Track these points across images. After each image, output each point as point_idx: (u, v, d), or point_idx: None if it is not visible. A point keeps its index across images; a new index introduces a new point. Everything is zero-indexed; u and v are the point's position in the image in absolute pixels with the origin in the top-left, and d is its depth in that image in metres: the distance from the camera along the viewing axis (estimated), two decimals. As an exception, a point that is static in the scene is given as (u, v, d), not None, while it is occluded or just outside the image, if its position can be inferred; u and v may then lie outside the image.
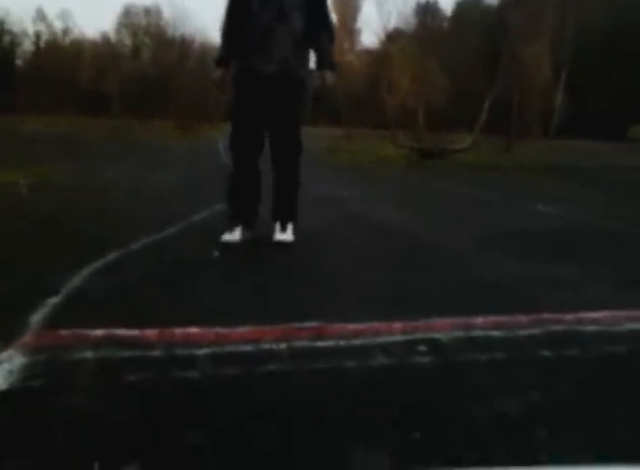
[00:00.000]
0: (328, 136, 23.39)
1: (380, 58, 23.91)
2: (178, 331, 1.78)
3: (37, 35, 50.62)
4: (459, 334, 1.94)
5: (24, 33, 50.26)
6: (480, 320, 2.07)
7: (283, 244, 3.12)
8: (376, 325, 1.96)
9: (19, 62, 51.24)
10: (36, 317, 1.80)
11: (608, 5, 34.09)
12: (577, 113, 32.38)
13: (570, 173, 9.84)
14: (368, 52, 40.26)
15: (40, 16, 49.90)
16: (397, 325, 1.97)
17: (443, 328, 1.98)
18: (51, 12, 49.93)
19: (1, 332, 1.63)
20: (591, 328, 2.03)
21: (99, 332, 1.71)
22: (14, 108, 35.47)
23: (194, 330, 1.80)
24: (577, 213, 5.13)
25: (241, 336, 1.78)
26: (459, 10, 44.34)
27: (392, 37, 23.76)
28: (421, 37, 19.68)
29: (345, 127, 27.33)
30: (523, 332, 1.98)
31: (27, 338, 1.63)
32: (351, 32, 45.04)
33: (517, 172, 9.45)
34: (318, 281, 2.54)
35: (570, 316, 2.14)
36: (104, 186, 5.39)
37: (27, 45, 51.14)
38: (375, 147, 14.84)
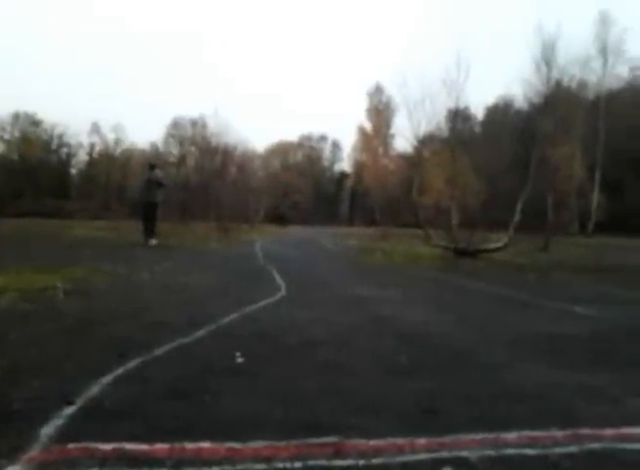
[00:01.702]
0: (363, 235, 23.71)
1: (412, 161, 24.67)
2: (189, 446, 1.72)
3: (91, 146, 54.71)
4: (489, 452, 1.81)
5: (80, 145, 54.42)
6: (512, 436, 1.94)
7: None
8: (398, 442, 1.85)
9: (73, 171, 55.06)
10: (47, 430, 1.77)
11: (636, 106, 34.78)
12: (614, 210, 32.13)
13: (609, 272, 9.55)
14: (401, 156, 41.63)
15: (95, 129, 54.24)
16: (421, 442, 1.86)
17: (472, 445, 1.86)
18: (105, 125, 53.79)
19: (9, 446, 1.60)
20: (634, 446, 1.86)
21: (108, 446, 1.66)
22: (67, 213, 37.62)
23: (205, 445, 1.73)
24: (618, 315, 4.90)
25: (253, 452, 1.70)
26: (489, 114, 46.03)
27: (425, 142, 24.61)
28: (452, 141, 20.29)
29: (380, 227, 27.72)
30: (559, 449, 1.84)
31: (34, 453, 1.59)
32: (385, 138, 47.06)
33: (553, 271, 9.23)
34: (338, 388, 2.44)
35: (609, 432, 1.98)
36: (139, 288, 5.50)
37: (82, 155, 55.18)
38: (409, 246, 14.90)
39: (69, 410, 1.97)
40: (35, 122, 51.49)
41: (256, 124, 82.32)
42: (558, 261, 11.39)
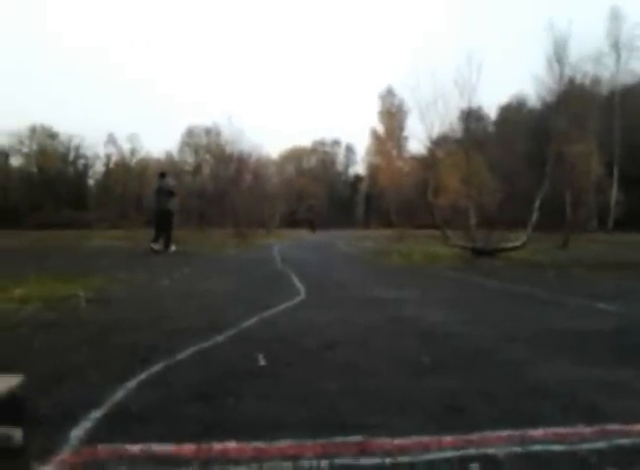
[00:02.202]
0: (379, 237, 23.66)
1: (427, 162, 24.59)
2: (216, 446, 1.73)
3: (108, 157, 55.39)
4: (516, 449, 1.80)
5: (96, 156, 55.15)
6: (539, 433, 1.92)
7: None
8: (424, 440, 1.85)
9: (90, 181, 55.79)
10: (76, 433, 1.80)
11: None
12: (633, 206, 31.68)
13: (630, 268, 9.40)
14: (415, 158, 41.51)
15: (111, 139, 54.92)
16: (448, 439, 1.85)
17: (499, 442, 1.84)
18: (121, 135, 54.45)
19: (39, 449, 1.63)
20: (663, 441, 1.84)
21: (136, 447, 1.68)
22: (85, 223, 38.13)
23: (232, 445, 1.75)
24: (641, 311, 4.83)
25: (280, 451, 1.71)
26: (503, 114, 45.69)
27: (438, 143, 24.52)
28: (466, 141, 20.18)
29: (397, 228, 27.64)
30: (586, 445, 1.82)
31: (65, 455, 1.62)
32: (399, 141, 47.01)
33: (573, 268, 9.12)
34: (360, 389, 2.44)
35: (638, 427, 1.95)
36: (159, 295, 5.55)
37: (99, 166, 55.89)
38: (426, 247, 14.84)
39: (97, 414, 2.00)
40: (52, 135, 52.27)
41: (270, 131, 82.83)
42: (577, 258, 11.26)
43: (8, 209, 43.06)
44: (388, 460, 1.69)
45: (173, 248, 12.59)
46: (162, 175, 13.88)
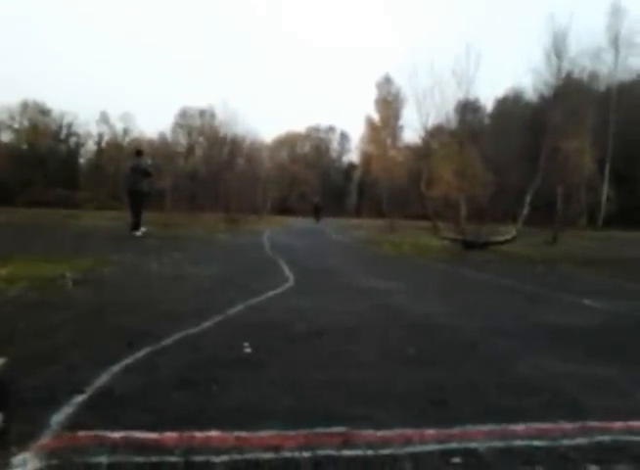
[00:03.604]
0: (371, 227, 23.69)
1: (421, 153, 24.57)
2: (198, 435, 1.72)
3: (100, 136, 54.83)
4: (498, 443, 1.81)
5: (89, 134, 54.57)
6: (520, 428, 1.93)
7: None
8: (407, 432, 1.85)
9: (82, 160, 55.24)
10: (58, 417, 1.79)
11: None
12: (624, 203, 31.90)
13: (617, 265, 9.49)
14: (410, 148, 41.49)
15: (104, 118, 54.29)
16: (430, 432, 1.86)
17: (480, 436, 1.85)
18: (114, 114, 53.80)
19: (19, 433, 1.61)
20: (643, 439, 1.86)
21: (117, 434, 1.67)
22: (76, 203, 37.89)
23: (214, 434, 1.74)
24: (627, 308, 4.87)
25: (261, 441, 1.71)
26: (499, 106, 45.66)
27: (433, 133, 24.48)
28: (461, 132, 20.16)
29: (388, 218, 27.66)
30: (567, 441, 1.83)
31: (45, 440, 1.61)
32: (394, 130, 46.90)
33: (562, 264, 9.18)
34: (346, 379, 2.44)
35: (618, 424, 1.97)
36: (148, 278, 5.53)
37: (91, 145, 55.33)
38: (417, 238, 14.87)
39: (80, 398, 1.99)
40: (44, 111, 51.57)
41: (265, 115, 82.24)
42: (567, 254, 11.34)
43: (-3, 185, 42.64)
44: (369, 452, 1.69)
45: (143, 229, 11.91)
46: (139, 153, 12.97)
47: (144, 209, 12.35)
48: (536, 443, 1.82)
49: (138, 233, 11.76)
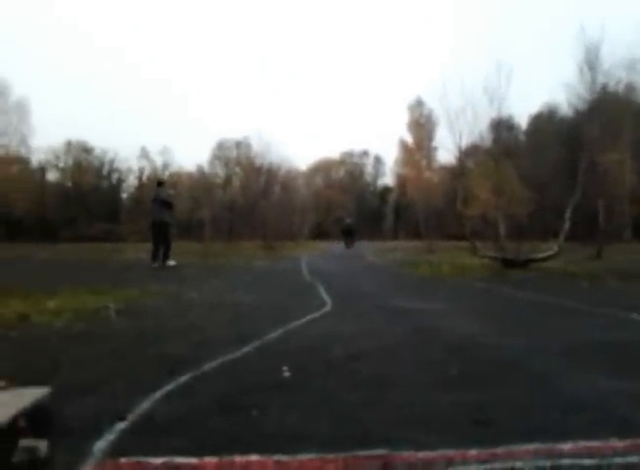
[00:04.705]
0: (408, 248, 23.48)
1: (456, 173, 24.38)
2: (238, 459, 1.72)
3: (140, 171, 56.56)
4: (544, 463, 1.74)
5: (130, 170, 56.38)
6: (568, 446, 1.85)
7: None
8: (449, 453, 1.80)
9: (124, 195, 57.01)
10: (100, 445, 1.81)
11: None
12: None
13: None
14: (445, 168, 41.18)
15: (144, 153, 56.07)
16: (473, 453, 1.80)
17: (525, 456, 1.79)
18: (153, 149, 55.55)
19: (63, 461, 1.64)
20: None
21: (158, 460, 1.68)
22: (118, 236, 39.00)
23: (254, 458, 1.73)
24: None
25: (301, 465, 1.69)
26: (534, 123, 45.03)
27: (468, 153, 24.30)
28: (496, 150, 19.95)
29: (425, 240, 27.40)
30: (618, 460, 1.74)
31: (88, 468, 1.63)
32: (428, 151, 46.68)
33: (607, 279, 8.86)
34: (385, 401, 2.40)
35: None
36: (188, 306, 5.60)
37: (132, 180, 57.10)
38: (455, 258, 14.64)
39: (122, 426, 2.01)
40: (87, 150, 53.65)
41: (299, 143, 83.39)
42: (612, 269, 10.95)
43: (44, 222, 44.35)
44: (411, 475, 1.65)
45: (172, 262, 11.64)
46: (160, 184, 12.85)
47: (170, 239, 12.10)
48: (585, 461, 1.74)
49: (172, 263, 11.62)
